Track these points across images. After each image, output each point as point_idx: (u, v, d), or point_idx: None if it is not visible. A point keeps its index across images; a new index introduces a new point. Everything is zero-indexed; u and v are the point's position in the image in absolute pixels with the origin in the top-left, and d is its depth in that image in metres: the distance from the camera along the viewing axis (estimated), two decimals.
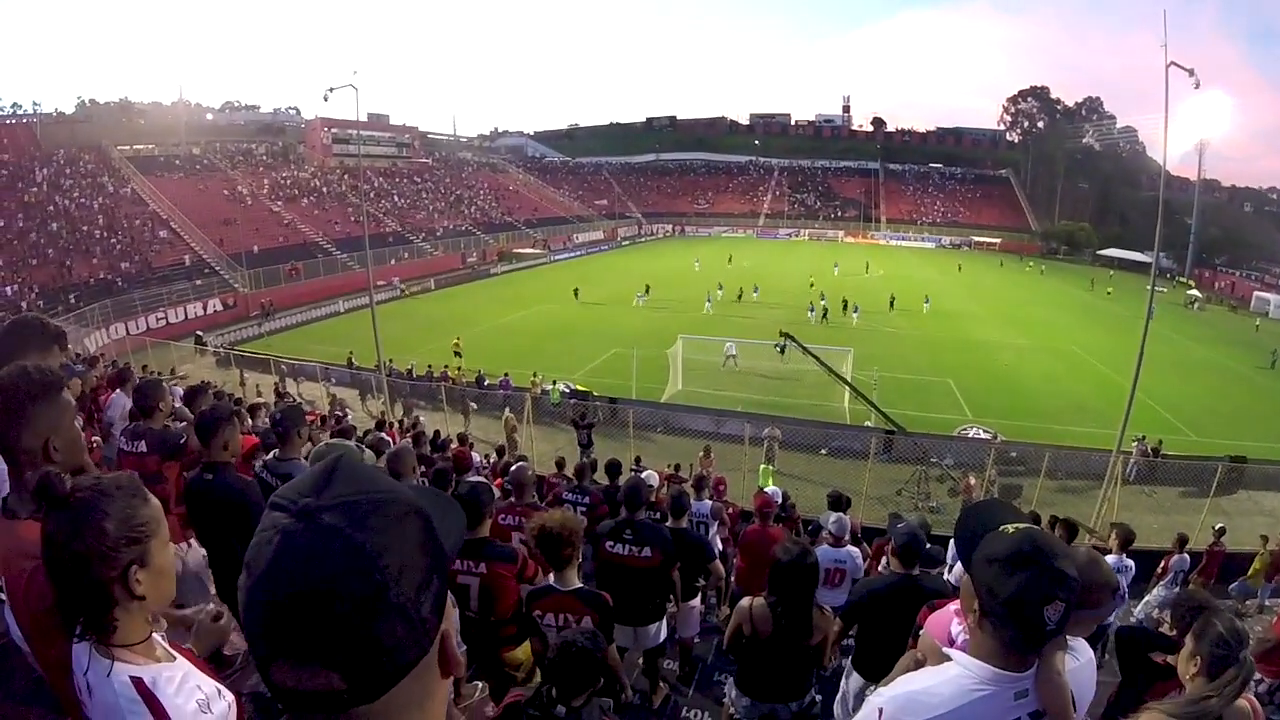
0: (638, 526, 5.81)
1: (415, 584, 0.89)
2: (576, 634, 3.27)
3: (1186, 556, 11.51)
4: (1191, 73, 15.78)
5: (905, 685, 2.06)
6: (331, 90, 24.92)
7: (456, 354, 32.98)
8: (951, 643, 2.45)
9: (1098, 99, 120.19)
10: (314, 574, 0.83)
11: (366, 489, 0.91)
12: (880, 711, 1.99)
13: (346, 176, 75.82)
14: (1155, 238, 20.42)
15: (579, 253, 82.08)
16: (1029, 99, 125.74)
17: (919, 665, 2.78)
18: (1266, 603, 12.75)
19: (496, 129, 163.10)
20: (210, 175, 65.74)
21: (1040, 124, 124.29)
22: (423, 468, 9.89)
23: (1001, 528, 1.95)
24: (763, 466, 20.60)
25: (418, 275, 58.21)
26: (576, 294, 48.84)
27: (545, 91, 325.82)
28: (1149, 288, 18.54)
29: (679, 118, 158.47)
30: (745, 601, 4.49)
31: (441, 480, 6.52)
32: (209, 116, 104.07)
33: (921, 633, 3.28)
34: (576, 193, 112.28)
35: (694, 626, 7.07)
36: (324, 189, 73.27)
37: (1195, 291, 72.50)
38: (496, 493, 7.71)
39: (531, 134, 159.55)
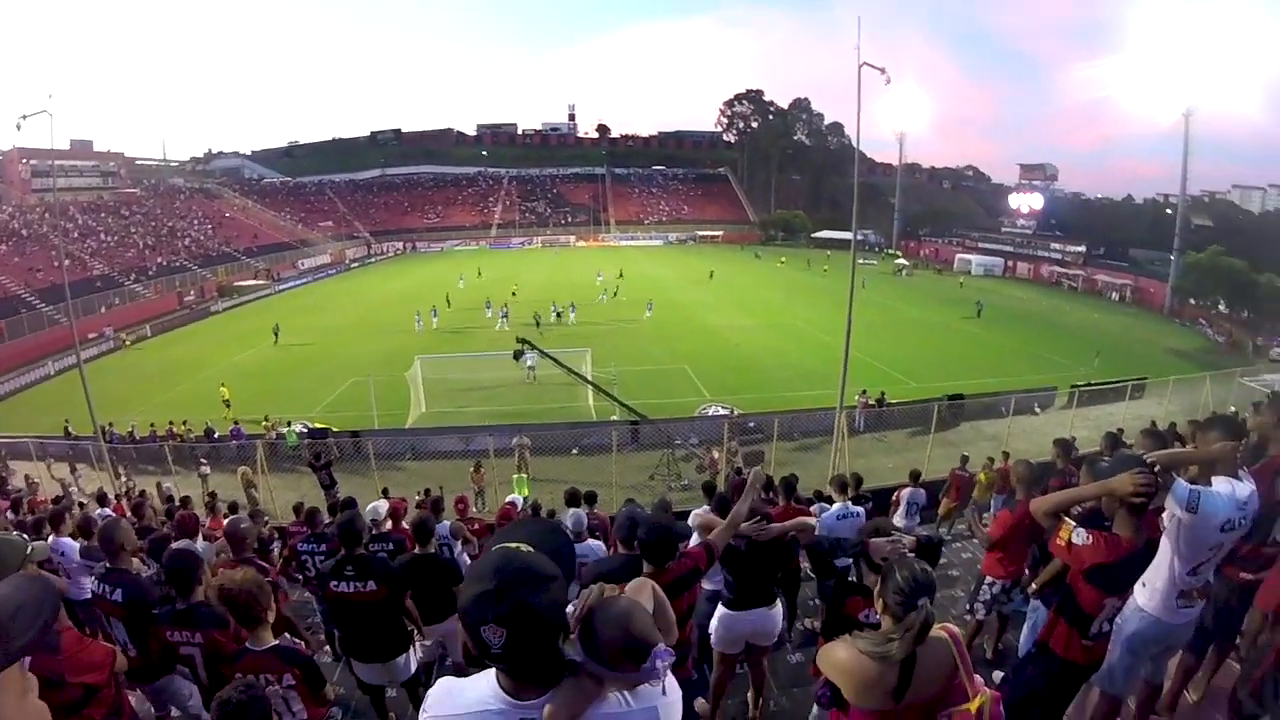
0: (358, 561, 5.63)
1: None
2: (232, 689, 3.09)
3: (921, 490, 12.39)
4: (883, 71, 17.28)
5: (464, 679, 2.04)
6: (25, 118, 21.20)
7: (226, 404, 29.98)
8: None
9: (807, 99, 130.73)
10: None
11: None
12: (429, 695, 2.02)
13: (48, 215, 66.41)
14: (853, 217, 22.08)
15: (307, 280, 77.06)
16: (744, 101, 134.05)
17: None
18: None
19: (210, 150, 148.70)
20: None
21: (755, 124, 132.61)
22: (143, 541, 9.00)
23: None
24: (515, 476, 20.54)
25: (133, 322, 51.95)
26: (276, 335, 44.08)
27: (262, 107, 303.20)
28: (851, 260, 20.54)
29: (404, 130, 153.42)
30: None
31: (158, 548, 6.32)
32: None
33: None
34: (299, 215, 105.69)
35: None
36: (23, 231, 64.05)
37: (903, 260, 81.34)
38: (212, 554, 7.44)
39: (249, 154, 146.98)
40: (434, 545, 6.73)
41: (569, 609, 2.01)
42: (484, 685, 1.93)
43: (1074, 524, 3.75)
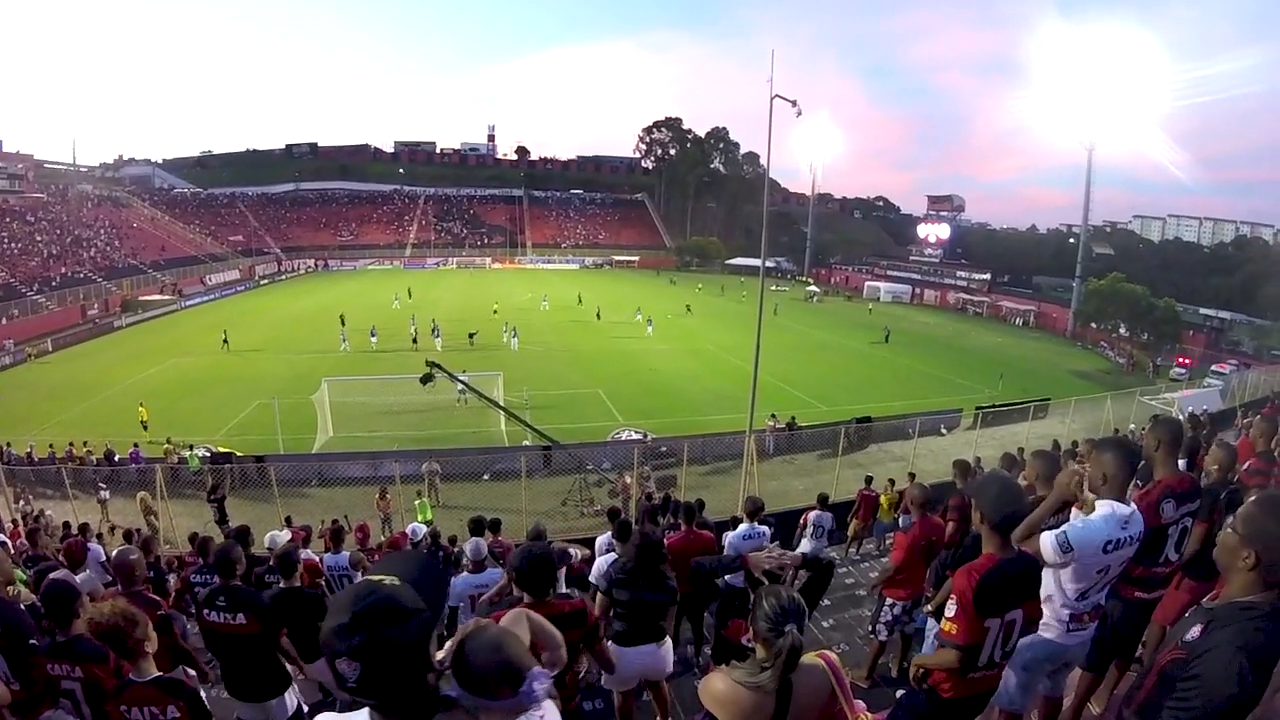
0: (231, 591, 5.43)
1: None
2: None
3: (828, 514, 12.37)
4: (794, 103, 17.45)
5: (344, 714, 1.91)
6: None
7: (144, 426, 28.51)
8: None
9: (725, 128, 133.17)
10: None
11: None
12: None
13: None
14: (763, 243, 22.58)
15: (214, 296, 74.26)
16: (663, 129, 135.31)
17: None
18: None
19: (121, 156, 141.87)
20: None
21: (673, 151, 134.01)
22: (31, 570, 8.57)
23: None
24: (417, 501, 19.87)
25: (34, 335, 49.02)
26: (226, 341, 44.26)
27: (176, 113, 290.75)
28: (760, 287, 20.56)
29: (320, 144, 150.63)
30: None
31: (41, 579, 6.05)
32: None
33: None
34: (209, 228, 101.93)
35: None
36: None
37: (814, 287, 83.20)
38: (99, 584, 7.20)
39: (160, 162, 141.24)
40: (298, 578, 6.35)
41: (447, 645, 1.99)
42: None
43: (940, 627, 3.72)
